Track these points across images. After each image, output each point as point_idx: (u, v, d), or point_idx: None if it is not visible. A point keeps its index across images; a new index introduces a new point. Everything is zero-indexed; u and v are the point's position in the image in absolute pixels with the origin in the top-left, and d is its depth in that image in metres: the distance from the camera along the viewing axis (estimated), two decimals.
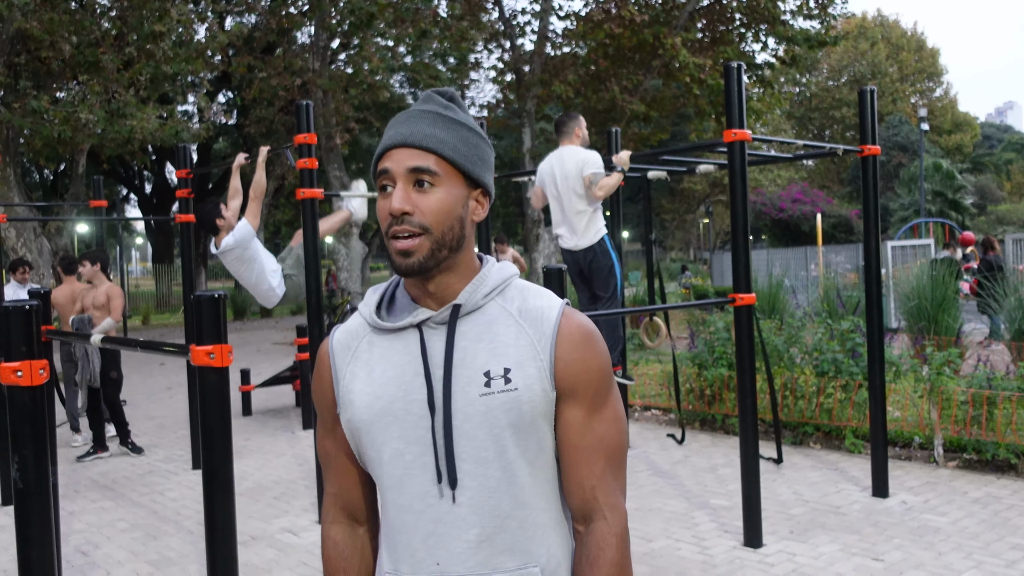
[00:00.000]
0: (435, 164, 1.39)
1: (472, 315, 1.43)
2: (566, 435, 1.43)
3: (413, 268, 1.37)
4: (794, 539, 4.90)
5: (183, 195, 7.42)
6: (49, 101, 13.46)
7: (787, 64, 21.01)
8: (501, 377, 1.38)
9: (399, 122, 1.44)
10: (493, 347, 1.40)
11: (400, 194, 1.37)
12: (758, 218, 36.67)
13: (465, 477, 1.38)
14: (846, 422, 6.82)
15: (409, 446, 1.40)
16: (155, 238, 33.15)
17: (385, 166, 1.40)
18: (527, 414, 1.39)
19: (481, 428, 1.38)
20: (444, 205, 1.39)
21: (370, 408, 1.42)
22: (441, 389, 1.39)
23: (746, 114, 4.83)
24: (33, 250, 13.70)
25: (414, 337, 1.43)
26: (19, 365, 2.71)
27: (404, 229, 1.37)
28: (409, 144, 1.39)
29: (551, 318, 1.43)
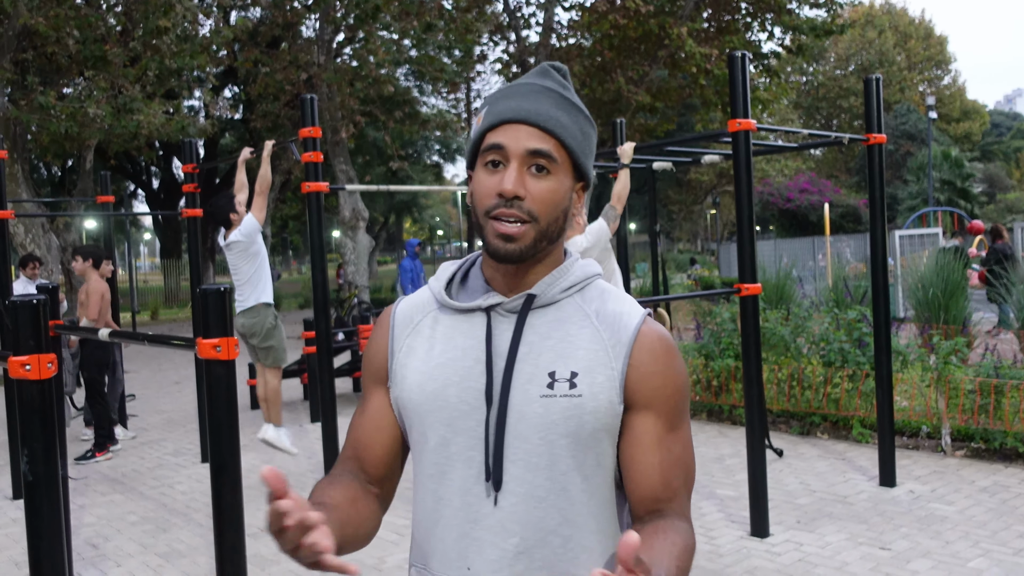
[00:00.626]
0: (555, 150, 1.30)
1: (546, 309, 1.35)
2: (637, 450, 1.32)
3: (513, 255, 1.28)
4: (801, 529, 4.91)
5: (189, 190, 7.44)
6: (56, 97, 13.51)
7: (793, 53, 20.92)
8: (566, 380, 1.29)
9: (517, 94, 1.32)
10: (563, 347, 1.31)
11: (515, 175, 1.27)
12: (766, 208, 36.56)
13: (512, 481, 1.29)
14: (853, 412, 6.82)
15: (456, 436, 1.31)
16: (163, 233, 33.26)
17: (499, 140, 1.29)
18: (588, 424, 1.29)
19: (536, 431, 1.28)
20: (556, 196, 1.30)
21: (422, 389, 1.34)
22: (500, 382, 1.30)
23: (752, 104, 4.82)
24: (41, 246, 13.76)
25: (481, 322, 1.35)
26: (27, 359, 2.73)
27: (512, 214, 1.27)
28: (532, 122, 1.29)
29: (630, 325, 1.33)
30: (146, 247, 71.46)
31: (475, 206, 1.31)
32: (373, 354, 1.44)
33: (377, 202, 39.67)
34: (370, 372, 1.44)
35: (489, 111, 1.32)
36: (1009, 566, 4.25)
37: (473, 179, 1.34)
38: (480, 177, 1.31)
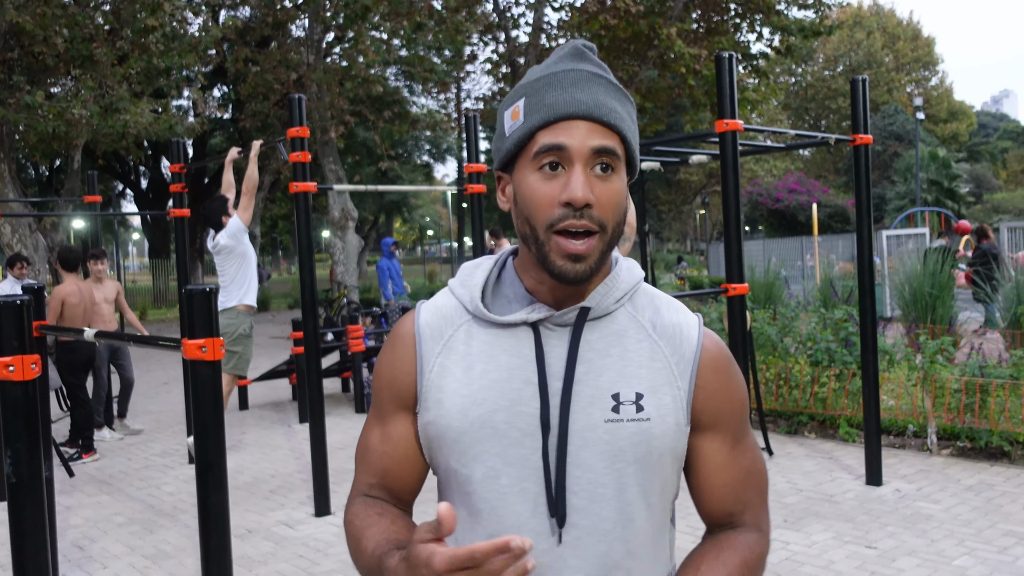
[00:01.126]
0: (618, 146, 1.15)
1: (600, 322, 1.21)
2: (708, 472, 1.26)
3: (583, 277, 1.14)
4: (788, 527, 4.92)
5: (177, 190, 7.41)
6: (43, 96, 13.43)
7: (782, 54, 20.99)
8: (632, 403, 1.18)
9: (566, 83, 1.16)
10: (624, 365, 1.20)
11: (582, 180, 1.11)
12: (754, 208, 36.68)
13: (575, 514, 1.17)
14: (840, 411, 6.85)
15: (508, 467, 1.17)
16: (151, 233, 33.12)
17: (559, 140, 1.13)
18: (656, 449, 1.19)
19: (602, 459, 1.17)
20: (622, 197, 1.16)
21: (465, 415, 1.18)
22: (558, 406, 1.17)
23: (741, 105, 4.84)
24: (28, 246, 13.69)
25: (527, 337, 1.20)
26: (11, 360, 2.72)
27: (583, 225, 1.11)
28: (595, 117, 1.14)
29: (692, 338, 1.24)
30: (135, 247, 71.19)
31: (529, 217, 1.15)
32: (395, 374, 1.26)
33: (367, 202, 39.61)
34: (392, 394, 1.27)
35: (534, 104, 1.16)
36: (994, 564, 4.27)
37: (518, 184, 1.17)
38: (533, 183, 1.14)
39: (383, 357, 1.29)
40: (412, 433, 1.27)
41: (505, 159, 1.20)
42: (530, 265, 1.21)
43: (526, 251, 1.20)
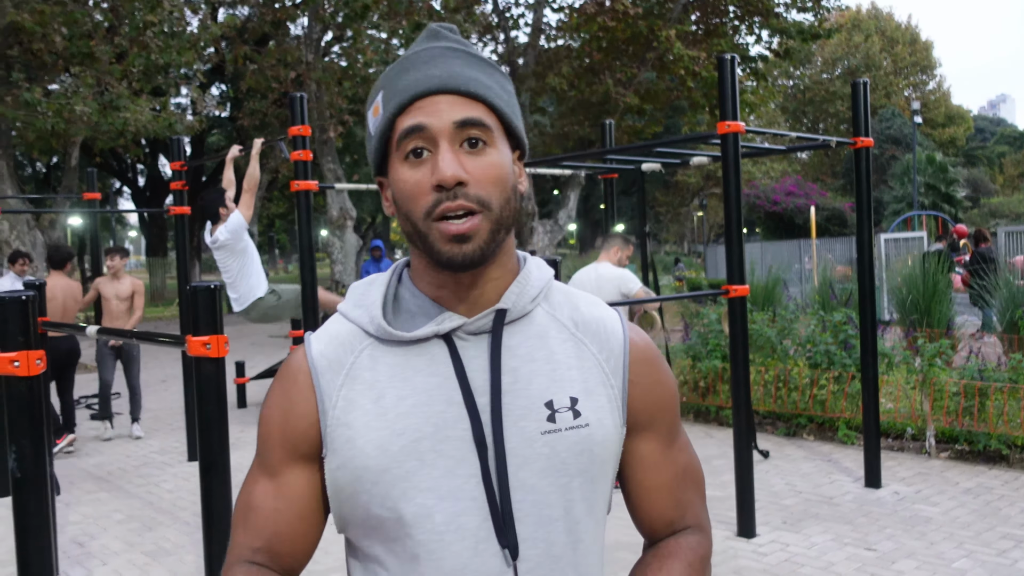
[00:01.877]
0: (485, 115, 1.04)
1: (518, 324, 1.10)
2: (646, 474, 1.17)
3: (473, 258, 1.02)
4: (787, 529, 4.93)
5: (177, 187, 7.41)
6: (42, 93, 13.42)
7: (781, 57, 21.03)
8: (568, 409, 1.07)
9: (421, 61, 1.05)
10: (552, 368, 1.08)
11: (450, 157, 1.00)
12: (752, 211, 36.71)
13: (524, 543, 1.04)
14: (839, 413, 6.86)
15: (441, 502, 1.03)
16: (149, 231, 33.08)
17: (419, 121, 1.01)
18: (599, 457, 1.09)
19: (544, 477, 1.05)
20: (502, 171, 1.04)
21: (384, 450, 1.03)
22: (490, 423, 1.04)
23: (740, 107, 4.85)
24: (27, 243, 13.67)
25: (441, 352, 1.07)
26: (16, 355, 2.72)
27: (459, 205, 1.00)
28: (451, 89, 1.02)
29: (617, 332, 1.14)
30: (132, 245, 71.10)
31: (407, 214, 1.03)
32: (288, 418, 1.08)
33: (365, 202, 39.59)
34: (285, 442, 1.08)
35: (389, 93, 1.05)
36: (992, 567, 4.29)
37: (391, 182, 1.06)
38: (402, 175, 1.03)
39: (271, 400, 1.11)
40: (312, 487, 1.09)
41: (378, 161, 1.09)
42: (426, 269, 1.08)
43: (417, 256, 1.09)
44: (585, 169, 7.68)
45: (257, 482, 1.12)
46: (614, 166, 7.33)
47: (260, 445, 1.12)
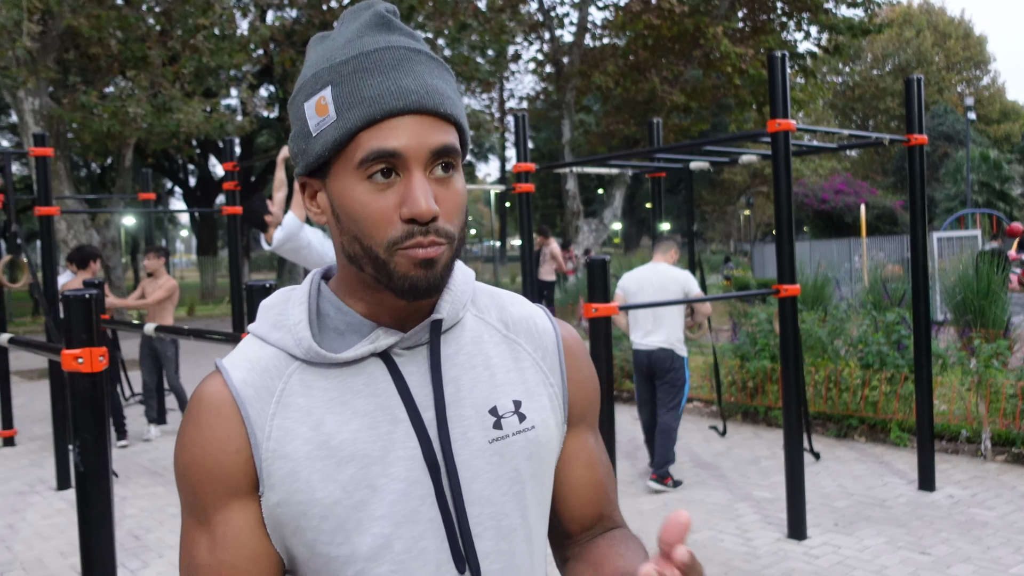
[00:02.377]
0: (456, 139, 0.96)
1: (450, 333, 1.04)
2: (580, 470, 1.12)
3: (437, 283, 0.95)
4: (839, 532, 4.87)
5: (230, 188, 7.54)
6: (98, 96, 13.73)
7: (830, 53, 20.74)
8: (513, 413, 1.03)
9: (387, 66, 0.93)
10: (491, 374, 1.04)
11: (426, 189, 0.92)
12: (800, 209, 36.25)
13: (484, 559, 0.99)
14: (891, 415, 6.76)
15: (399, 528, 0.96)
16: (199, 230, 33.66)
17: (393, 146, 0.91)
18: (547, 459, 1.06)
19: (499, 487, 1.01)
20: (465, 199, 0.98)
21: (331, 480, 0.95)
22: (437, 438, 0.98)
23: (790, 104, 4.81)
24: (83, 241, 14.00)
25: (379, 370, 0.99)
26: (80, 352, 2.79)
27: (431, 242, 0.93)
28: (429, 110, 0.93)
29: (548, 329, 1.11)
30: (183, 244, 72.38)
31: (360, 236, 0.94)
32: (217, 456, 0.95)
33: None
34: (217, 483, 0.96)
35: (347, 95, 0.93)
36: None
37: (339, 195, 0.95)
38: (362, 197, 0.93)
39: (190, 441, 0.97)
40: (255, 523, 0.97)
41: (315, 163, 0.97)
42: (361, 287, 0.99)
43: (353, 274, 0.99)
44: (632, 168, 7.66)
45: (195, 541, 0.97)
46: (662, 165, 7.30)
47: (187, 496, 0.98)
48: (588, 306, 3.98)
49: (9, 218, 7.03)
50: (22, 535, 5.34)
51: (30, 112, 13.61)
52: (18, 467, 7.06)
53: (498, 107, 26.79)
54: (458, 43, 18.71)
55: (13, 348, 4.08)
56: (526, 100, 25.51)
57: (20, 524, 5.56)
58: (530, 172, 6.26)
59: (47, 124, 13.71)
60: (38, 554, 5.00)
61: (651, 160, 7.44)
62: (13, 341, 3.94)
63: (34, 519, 5.67)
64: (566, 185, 20.65)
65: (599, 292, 3.97)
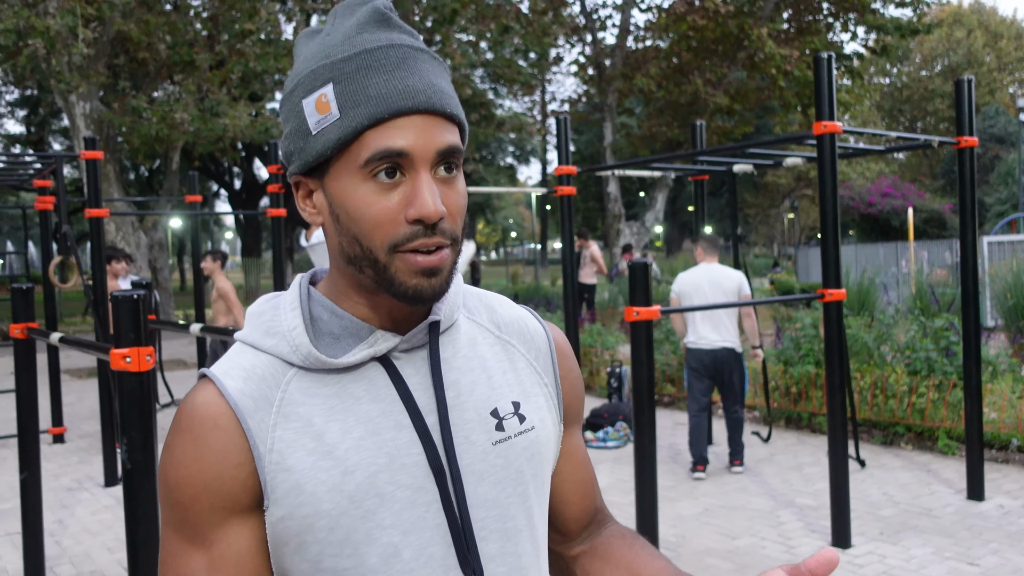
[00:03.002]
0: (459, 139, 0.96)
1: (447, 335, 1.03)
2: (574, 468, 1.14)
3: (442, 291, 0.94)
4: (884, 540, 4.79)
5: (274, 190, 7.63)
6: (146, 100, 14.00)
7: (877, 54, 20.43)
8: (513, 415, 1.03)
9: (391, 65, 0.92)
10: (488, 376, 1.03)
11: (433, 189, 0.91)
12: (845, 213, 35.74)
13: (491, 562, 0.98)
14: (939, 423, 6.62)
15: (407, 536, 0.94)
16: (244, 233, 34.12)
17: (400, 146, 0.90)
18: (547, 459, 1.07)
19: (503, 488, 1.00)
20: (465, 198, 0.97)
21: (338, 491, 0.92)
22: (441, 442, 0.97)
23: (836, 106, 4.74)
24: (131, 243, 14.27)
25: (378, 375, 0.98)
26: (128, 351, 2.84)
27: (437, 243, 0.92)
28: (436, 110, 0.92)
29: (539, 330, 1.11)
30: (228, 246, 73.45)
31: (360, 236, 0.92)
32: (217, 471, 0.92)
33: None
34: (216, 500, 0.92)
35: (350, 93, 0.91)
36: None
37: (339, 196, 0.93)
38: (365, 197, 0.91)
39: (183, 456, 0.93)
40: (259, 541, 0.94)
41: (313, 163, 0.94)
42: (357, 291, 0.98)
43: (350, 277, 0.97)
44: (675, 171, 7.61)
45: (190, 559, 0.93)
46: (705, 167, 7.24)
47: (179, 513, 0.93)
48: (630, 309, 3.95)
49: (60, 220, 7.18)
50: (71, 530, 5.45)
51: (81, 116, 13.91)
52: (67, 464, 7.21)
53: (540, 110, 26.81)
54: (500, 46, 18.76)
55: (63, 347, 4.16)
56: (568, 103, 25.47)
57: (69, 520, 5.68)
58: (572, 175, 6.25)
59: (97, 128, 14.00)
60: (86, 549, 5.10)
61: (694, 163, 7.38)
62: (63, 340, 4.02)
63: (82, 515, 5.78)
64: (607, 188, 20.58)
65: (641, 295, 3.94)
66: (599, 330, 10.13)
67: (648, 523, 4.04)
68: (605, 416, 7.39)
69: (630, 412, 7.28)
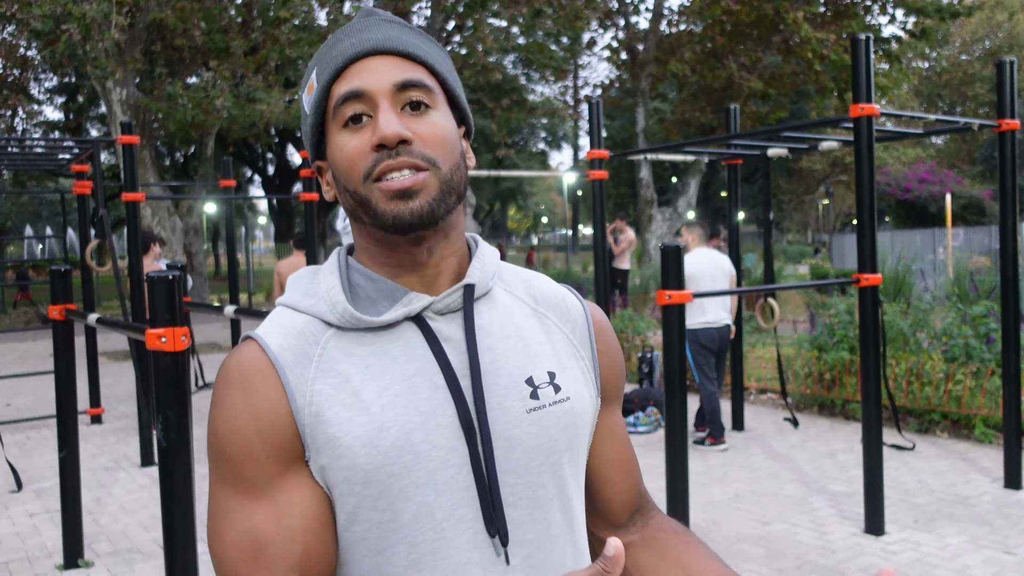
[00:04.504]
0: (427, 78, 0.99)
1: (483, 302, 1.04)
2: (612, 447, 1.14)
3: (423, 215, 0.95)
4: (918, 528, 4.74)
5: (307, 175, 7.67)
6: (182, 86, 14.13)
7: (916, 38, 20.07)
8: (548, 384, 1.03)
9: (355, 31, 1.00)
10: (525, 344, 1.04)
11: (392, 116, 0.94)
12: (881, 199, 35.23)
13: (518, 529, 0.99)
14: (976, 410, 6.53)
15: (440, 496, 0.95)
16: (277, 218, 34.40)
17: (355, 86, 0.96)
18: (582, 431, 1.06)
19: (535, 457, 1.00)
20: (448, 133, 0.98)
21: (374, 447, 0.93)
22: (473, 404, 0.98)
23: (874, 88, 4.66)
24: (167, 227, 14.44)
25: (415, 335, 0.99)
26: (163, 331, 2.88)
27: (402, 163, 0.94)
28: (389, 51, 0.98)
29: (576, 305, 1.12)
30: (261, 231, 74.07)
31: (345, 183, 0.97)
32: (269, 419, 0.94)
33: (483, 190, 40.05)
34: (271, 448, 0.94)
35: (324, 65, 1.00)
36: None
37: (330, 156, 1.00)
38: (339, 143, 0.97)
39: (233, 410, 0.94)
40: (317, 491, 0.95)
41: (315, 141, 1.03)
42: (379, 249, 1.01)
43: (365, 236, 1.01)
44: (708, 155, 7.54)
45: (252, 512, 0.93)
46: (738, 152, 7.17)
47: (235, 466, 0.94)
48: (662, 293, 3.93)
49: (98, 204, 7.28)
50: (108, 509, 5.55)
51: (118, 102, 14.07)
52: (105, 444, 7.33)
53: (572, 95, 26.69)
54: (532, 30, 18.67)
55: (100, 328, 4.24)
56: (600, 88, 25.32)
57: (107, 498, 5.78)
58: (604, 159, 6.22)
59: (134, 114, 14.16)
60: (123, 527, 5.19)
61: (728, 147, 7.31)
62: (100, 321, 4.08)
63: (119, 494, 5.88)
64: (640, 173, 20.46)
65: (673, 279, 3.92)
66: (630, 315, 10.10)
67: (679, 508, 4.03)
68: (635, 401, 7.36)
69: (661, 397, 7.25)
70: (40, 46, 14.30)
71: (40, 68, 22.58)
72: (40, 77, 24.89)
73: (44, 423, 8.13)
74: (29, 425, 8.14)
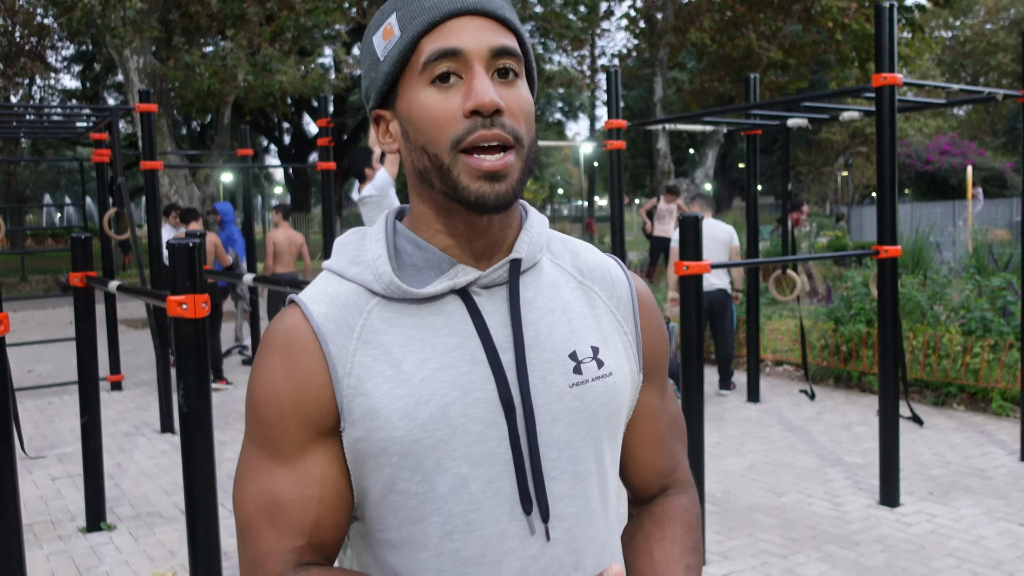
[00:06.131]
0: (517, 48, 0.97)
1: (529, 275, 1.03)
2: (645, 423, 1.13)
3: (507, 199, 0.94)
4: (933, 500, 4.75)
5: (324, 144, 7.67)
6: (199, 55, 14.10)
7: (940, 6, 19.75)
8: (591, 359, 1.02)
9: None
10: (569, 319, 1.03)
11: (488, 83, 0.92)
12: (902, 171, 34.87)
13: (559, 503, 0.99)
14: (994, 383, 6.51)
15: (476, 469, 0.96)
16: (293, 188, 34.42)
17: (452, 44, 0.92)
18: (623, 407, 1.06)
19: (577, 431, 1.00)
20: (530, 107, 0.97)
21: (412, 419, 0.94)
22: (516, 380, 0.98)
23: (896, 58, 4.60)
24: (184, 197, 14.48)
25: (458, 308, 0.99)
26: (184, 298, 2.91)
27: (495, 136, 0.92)
28: (487, 12, 0.95)
29: (622, 278, 1.11)
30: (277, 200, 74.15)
31: (427, 144, 0.94)
32: (303, 390, 0.96)
33: None
34: (303, 418, 0.96)
35: (409, 12, 0.95)
36: None
37: (407, 110, 0.97)
38: (427, 101, 0.94)
39: (272, 375, 0.97)
40: (340, 463, 0.98)
41: (384, 89, 0.99)
42: (436, 217, 0.99)
43: (426, 199, 1.00)
44: (727, 125, 7.48)
45: (274, 474, 0.97)
46: (758, 122, 7.11)
47: (266, 429, 0.97)
48: (679, 264, 3.93)
49: (116, 172, 7.31)
50: (129, 474, 5.63)
51: (135, 71, 14.07)
52: (125, 410, 7.42)
53: (589, 65, 26.46)
54: None
55: (120, 295, 4.28)
56: (617, 58, 25.09)
57: (128, 463, 5.86)
58: (621, 129, 6.18)
59: (151, 82, 14.15)
60: (144, 492, 5.27)
61: (747, 116, 7.25)
62: (121, 288, 4.12)
63: (140, 459, 5.96)
64: (657, 144, 20.32)
65: (691, 249, 3.91)
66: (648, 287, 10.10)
67: (695, 479, 4.05)
68: None
69: (678, 369, 7.26)
70: (57, 14, 14.28)
71: (57, 36, 22.58)
72: (57, 45, 24.89)
73: (65, 389, 8.24)
74: (51, 391, 8.25)
